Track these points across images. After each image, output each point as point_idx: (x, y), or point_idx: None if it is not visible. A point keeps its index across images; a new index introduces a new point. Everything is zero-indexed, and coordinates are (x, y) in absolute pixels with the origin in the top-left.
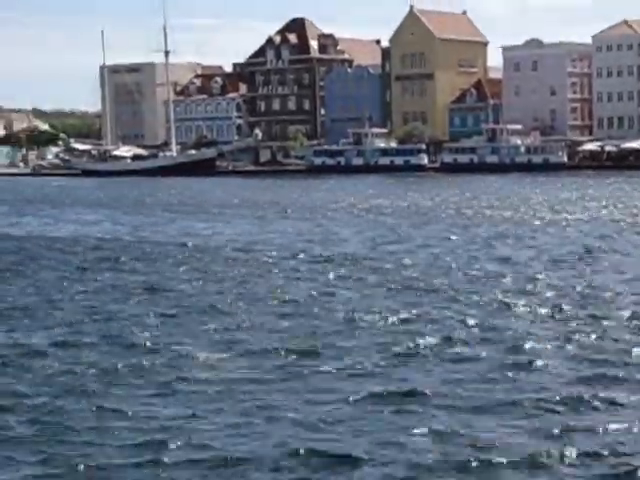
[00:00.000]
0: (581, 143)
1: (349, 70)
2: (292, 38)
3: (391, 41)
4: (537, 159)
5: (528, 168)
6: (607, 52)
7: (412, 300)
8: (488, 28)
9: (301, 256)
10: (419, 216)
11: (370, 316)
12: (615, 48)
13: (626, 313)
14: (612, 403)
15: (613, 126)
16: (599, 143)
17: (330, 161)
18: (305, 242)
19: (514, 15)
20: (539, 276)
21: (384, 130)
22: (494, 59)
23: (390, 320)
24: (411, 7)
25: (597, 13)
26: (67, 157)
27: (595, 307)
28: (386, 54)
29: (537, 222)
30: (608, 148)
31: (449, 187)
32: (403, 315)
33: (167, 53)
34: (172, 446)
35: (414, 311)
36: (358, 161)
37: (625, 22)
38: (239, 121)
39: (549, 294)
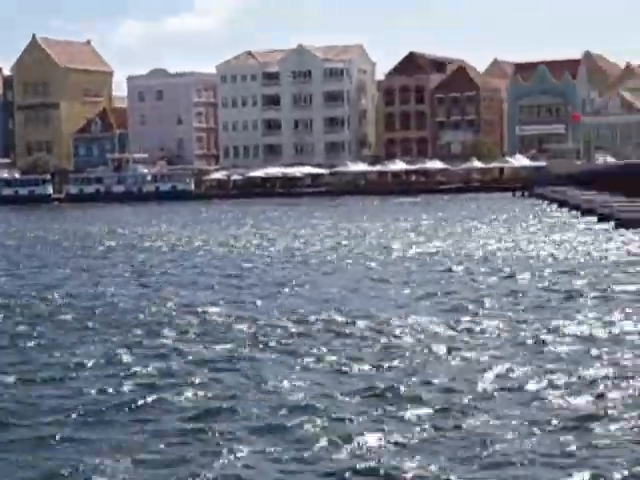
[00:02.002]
0: (208, 172)
1: None
2: None
3: (13, 70)
4: (165, 187)
5: (156, 197)
6: (231, 82)
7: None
8: (119, 57)
9: None
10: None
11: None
12: (239, 78)
13: None
14: None
15: (239, 155)
16: (225, 172)
17: None
18: None
19: (145, 45)
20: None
21: (7, 160)
22: (124, 89)
23: None
24: (33, 35)
25: (223, 43)
26: None
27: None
28: (8, 83)
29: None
30: (234, 177)
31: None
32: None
33: None
34: None
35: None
36: None
37: (248, 53)
38: None
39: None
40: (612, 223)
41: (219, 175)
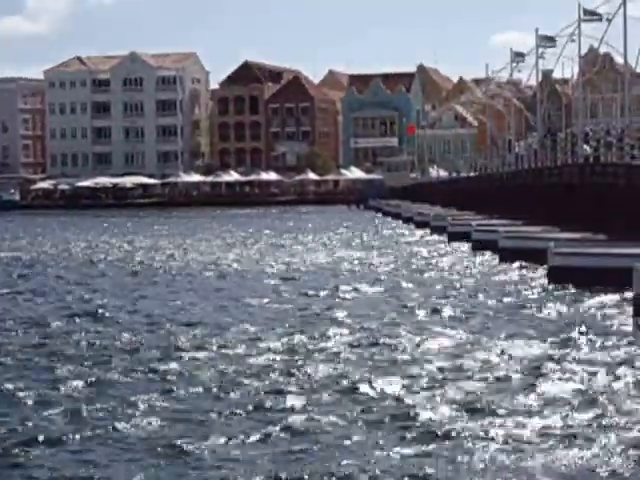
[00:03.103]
0: (34, 181)
1: None
2: None
3: None
4: None
5: None
6: (60, 88)
7: None
8: None
9: None
10: None
11: None
12: (68, 84)
13: None
14: None
15: (67, 164)
16: (52, 181)
17: None
18: None
19: None
20: None
21: None
22: None
23: None
24: None
25: (52, 48)
26: None
27: None
28: None
29: None
30: (62, 187)
31: None
32: None
33: None
34: None
35: None
36: None
37: (78, 58)
38: None
39: None
40: (445, 235)
41: (46, 184)
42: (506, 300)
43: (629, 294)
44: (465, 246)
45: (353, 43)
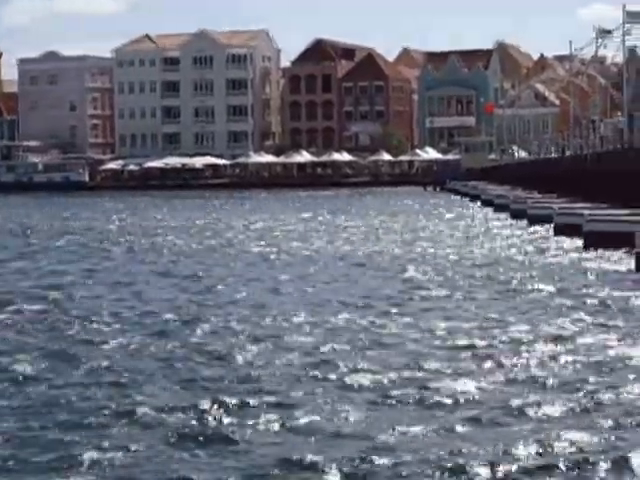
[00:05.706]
0: (103, 162)
1: None
2: None
3: None
4: (57, 178)
5: (48, 187)
6: (129, 67)
7: None
8: (9, 38)
9: None
10: None
11: None
12: (137, 63)
13: None
14: None
15: (136, 144)
16: (121, 162)
17: None
18: None
19: (38, 25)
20: None
21: None
22: (15, 72)
23: None
24: None
25: (122, 26)
26: None
27: None
28: None
29: None
30: (130, 167)
31: None
32: None
33: None
34: None
35: None
36: None
37: (147, 36)
38: None
39: None
40: (525, 220)
41: (114, 165)
42: None
43: None
44: (547, 230)
45: (428, 19)
